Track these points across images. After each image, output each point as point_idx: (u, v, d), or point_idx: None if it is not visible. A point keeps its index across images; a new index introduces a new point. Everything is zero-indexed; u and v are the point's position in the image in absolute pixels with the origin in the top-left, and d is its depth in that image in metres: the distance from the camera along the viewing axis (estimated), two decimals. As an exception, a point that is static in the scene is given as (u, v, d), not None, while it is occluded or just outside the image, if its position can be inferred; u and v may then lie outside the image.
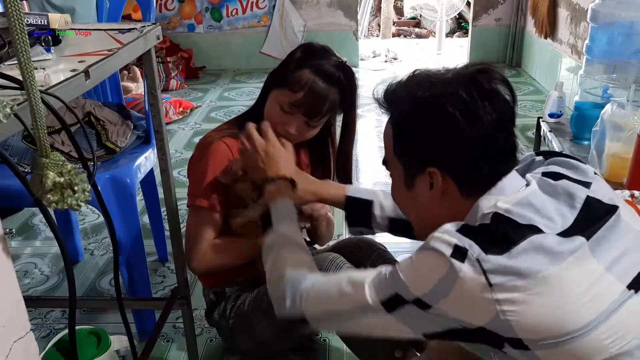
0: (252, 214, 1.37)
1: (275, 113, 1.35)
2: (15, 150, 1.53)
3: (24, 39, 0.65)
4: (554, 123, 1.95)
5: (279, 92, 1.35)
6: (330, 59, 1.35)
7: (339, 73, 1.33)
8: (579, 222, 0.83)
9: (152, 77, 1.17)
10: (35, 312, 1.82)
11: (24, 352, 0.74)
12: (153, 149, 1.68)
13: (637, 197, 1.35)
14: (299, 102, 1.32)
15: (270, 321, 1.40)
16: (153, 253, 2.09)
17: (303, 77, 1.32)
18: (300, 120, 1.35)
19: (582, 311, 0.76)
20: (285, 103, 1.34)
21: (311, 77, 1.32)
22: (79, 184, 0.72)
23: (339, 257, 1.36)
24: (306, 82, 1.31)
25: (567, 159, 0.99)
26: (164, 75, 4.22)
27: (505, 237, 0.79)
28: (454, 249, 0.79)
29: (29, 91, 0.67)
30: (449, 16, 5.35)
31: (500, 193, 0.88)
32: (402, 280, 0.83)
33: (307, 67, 1.32)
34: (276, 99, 1.36)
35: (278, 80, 1.36)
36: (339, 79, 1.33)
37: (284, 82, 1.34)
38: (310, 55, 1.35)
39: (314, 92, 1.31)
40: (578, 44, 3.42)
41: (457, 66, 0.93)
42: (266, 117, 1.38)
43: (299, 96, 1.32)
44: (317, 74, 1.32)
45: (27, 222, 2.41)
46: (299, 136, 1.38)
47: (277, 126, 1.35)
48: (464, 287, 0.77)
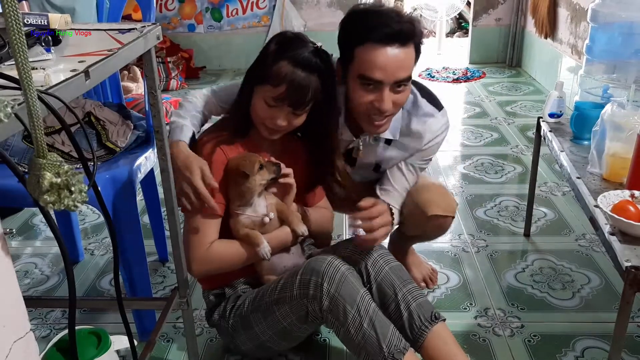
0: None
1: (262, 109, 1.38)
2: (16, 150, 1.53)
3: (21, 39, 0.65)
4: (554, 123, 1.94)
5: (261, 89, 1.37)
6: (305, 46, 1.36)
7: (316, 59, 1.35)
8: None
9: (152, 77, 1.17)
10: (35, 312, 1.82)
11: (24, 352, 0.74)
12: (153, 149, 1.68)
13: (637, 197, 1.35)
14: (282, 96, 1.34)
15: (270, 321, 1.40)
16: (153, 253, 2.09)
17: (282, 70, 1.33)
18: (287, 111, 1.38)
19: None
20: (269, 98, 1.36)
21: (290, 68, 1.33)
22: (76, 184, 0.72)
23: (337, 258, 1.36)
24: (286, 75, 1.33)
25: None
26: (164, 76, 4.22)
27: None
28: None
29: (26, 91, 0.67)
30: (449, 16, 5.35)
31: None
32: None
33: (284, 59, 1.34)
34: (260, 95, 1.37)
35: (258, 76, 1.38)
36: (317, 65, 1.35)
37: (264, 78, 1.36)
38: (285, 46, 1.36)
39: (295, 84, 1.33)
40: (578, 44, 3.42)
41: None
42: (254, 114, 1.41)
43: (282, 90, 1.33)
44: (295, 64, 1.33)
45: (27, 222, 2.41)
46: (289, 126, 1.41)
47: (265, 121, 1.39)
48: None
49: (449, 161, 2.92)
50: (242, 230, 1.43)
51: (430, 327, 1.36)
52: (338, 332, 1.34)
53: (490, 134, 3.28)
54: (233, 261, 1.45)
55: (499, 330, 1.70)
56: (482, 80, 4.35)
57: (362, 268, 1.42)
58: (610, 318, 1.68)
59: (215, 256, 1.42)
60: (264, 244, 1.41)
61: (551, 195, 2.51)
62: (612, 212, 1.29)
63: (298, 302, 1.34)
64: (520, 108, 3.71)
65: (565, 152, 1.74)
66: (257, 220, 1.44)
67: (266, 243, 1.42)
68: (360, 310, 1.29)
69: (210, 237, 1.42)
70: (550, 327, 1.71)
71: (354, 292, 1.30)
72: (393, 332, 1.30)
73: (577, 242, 2.15)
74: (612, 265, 1.30)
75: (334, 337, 1.64)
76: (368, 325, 1.28)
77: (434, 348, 1.35)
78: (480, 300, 1.84)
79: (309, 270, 1.33)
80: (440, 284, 1.93)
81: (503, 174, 2.76)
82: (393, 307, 1.39)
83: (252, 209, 1.43)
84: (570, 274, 1.96)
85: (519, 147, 3.06)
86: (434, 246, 2.10)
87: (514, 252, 2.11)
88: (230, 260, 1.45)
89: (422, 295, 1.42)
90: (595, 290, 1.87)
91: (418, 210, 1.61)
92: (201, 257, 1.41)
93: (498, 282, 1.93)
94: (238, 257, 1.44)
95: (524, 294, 1.86)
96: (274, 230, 1.46)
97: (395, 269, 1.43)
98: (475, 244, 2.16)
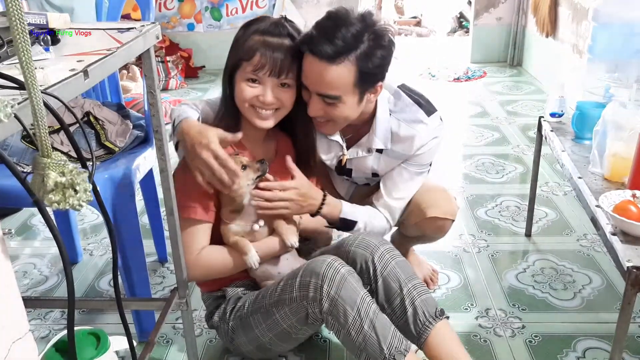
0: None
1: (246, 91, 1.37)
2: (14, 150, 1.52)
3: (25, 38, 0.64)
4: (556, 122, 1.94)
5: (239, 71, 1.37)
6: (270, 20, 1.38)
7: (282, 27, 1.37)
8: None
9: (151, 76, 1.16)
10: (34, 312, 1.81)
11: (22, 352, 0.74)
12: (152, 149, 1.67)
13: (638, 197, 1.34)
14: (259, 64, 1.33)
15: (270, 323, 1.39)
16: (152, 253, 2.08)
17: (252, 42, 1.34)
18: (272, 83, 1.36)
19: None
20: (248, 73, 1.35)
21: (259, 38, 1.34)
22: (81, 183, 0.72)
23: (337, 259, 1.35)
24: (255, 44, 1.33)
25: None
26: (163, 75, 4.22)
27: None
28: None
29: (30, 91, 0.66)
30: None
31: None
32: None
33: (252, 34, 1.35)
34: (240, 78, 1.37)
35: (233, 62, 1.38)
36: (286, 30, 1.36)
37: (239, 59, 1.36)
38: (251, 24, 1.38)
39: (268, 47, 1.33)
40: (579, 43, 3.41)
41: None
42: (239, 100, 1.39)
43: (257, 58, 1.33)
44: (263, 33, 1.35)
45: (26, 222, 2.41)
46: (280, 103, 1.39)
47: (253, 101, 1.37)
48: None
49: (449, 161, 2.91)
50: (231, 237, 1.43)
51: (434, 323, 1.36)
52: (338, 334, 1.33)
53: (491, 133, 3.27)
54: (222, 268, 1.45)
55: (500, 330, 1.70)
56: (483, 79, 4.35)
57: (368, 262, 1.42)
58: (611, 318, 1.68)
59: (204, 262, 1.42)
60: (252, 252, 1.41)
61: (552, 195, 2.51)
62: (613, 212, 1.29)
63: (298, 304, 1.33)
64: (521, 107, 3.70)
65: (567, 152, 1.74)
66: (247, 228, 1.43)
67: (254, 252, 1.41)
68: (360, 312, 1.28)
69: (199, 243, 1.41)
70: (551, 327, 1.70)
71: (354, 293, 1.30)
72: (394, 334, 1.29)
73: (578, 242, 2.14)
74: (613, 265, 1.29)
75: (335, 338, 1.64)
76: (369, 327, 1.28)
77: (437, 344, 1.35)
78: (481, 300, 1.84)
79: (309, 272, 1.33)
80: (441, 285, 1.93)
81: (504, 173, 2.75)
82: (398, 302, 1.39)
83: (241, 216, 1.43)
84: (572, 274, 1.96)
85: (520, 147, 3.05)
86: (434, 246, 2.09)
87: (515, 253, 2.11)
88: (220, 267, 1.44)
89: (427, 291, 1.42)
90: (597, 290, 1.87)
91: (417, 211, 1.60)
92: (191, 262, 1.41)
93: (499, 283, 1.92)
94: (227, 264, 1.44)
95: (525, 295, 1.86)
96: (263, 239, 1.46)
97: (401, 264, 1.43)
98: (476, 244, 2.15)
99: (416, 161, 1.58)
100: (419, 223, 1.62)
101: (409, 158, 1.57)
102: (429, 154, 1.57)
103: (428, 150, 1.56)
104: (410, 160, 1.58)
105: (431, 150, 1.57)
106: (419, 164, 1.59)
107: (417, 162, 1.58)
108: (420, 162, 1.58)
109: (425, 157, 1.58)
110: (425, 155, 1.57)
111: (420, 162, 1.58)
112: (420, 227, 1.64)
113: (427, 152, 1.56)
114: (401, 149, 1.56)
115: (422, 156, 1.57)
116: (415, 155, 1.56)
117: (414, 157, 1.57)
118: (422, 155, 1.57)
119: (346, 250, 1.44)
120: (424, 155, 1.57)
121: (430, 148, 1.56)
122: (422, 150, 1.55)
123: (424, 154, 1.57)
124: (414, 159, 1.57)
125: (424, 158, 1.58)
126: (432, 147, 1.56)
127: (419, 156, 1.57)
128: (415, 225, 1.64)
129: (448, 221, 1.63)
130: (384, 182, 1.62)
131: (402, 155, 1.57)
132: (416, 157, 1.57)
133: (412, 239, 1.79)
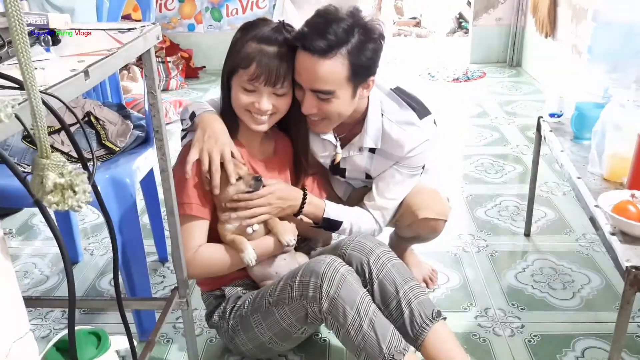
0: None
1: (242, 98, 1.38)
2: (15, 150, 1.53)
3: (24, 39, 0.64)
4: (555, 123, 1.94)
5: (236, 77, 1.38)
6: (268, 25, 1.38)
7: (280, 34, 1.37)
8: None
9: (151, 77, 1.17)
10: (35, 312, 1.82)
11: (23, 352, 0.74)
12: (153, 149, 1.68)
13: (637, 197, 1.35)
14: (255, 74, 1.34)
15: (270, 323, 1.40)
16: (153, 253, 2.08)
17: (249, 50, 1.35)
18: (267, 92, 1.37)
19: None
20: (244, 83, 1.36)
21: (256, 46, 1.35)
22: (80, 184, 0.72)
23: (337, 259, 1.36)
24: (252, 52, 1.34)
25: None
26: (163, 75, 4.22)
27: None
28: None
29: (30, 92, 0.67)
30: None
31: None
32: None
33: (249, 41, 1.35)
34: (237, 84, 1.39)
35: (230, 67, 1.39)
36: (283, 38, 1.37)
37: (236, 65, 1.37)
38: (249, 29, 1.38)
39: (265, 58, 1.34)
40: (578, 44, 3.41)
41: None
42: (235, 105, 1.41)
43: (253, 68, 1.34)
44: (260, 41, 1.35)
45: (26, 222, 2.41)
46: (275, 109, 1.41)
47: (249, 107, 1.39)
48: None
49: (449, 161, 2.91)
50: (228, 235, 1.43)
51: (431, 325, 1.36)
52: (338, 334, 1.33)
53: (490, 133, 3.28)
54: (220, 266, 1.45)
55: (499, 330, 1.70)
56: (482, 80, 4.35)
57: (364, 265, 1.42)
58: (610, 318, 1.68)
59: (201, 260, 1.42)
60: (249, 250, 1.41)
61: (551, 195, 2.51)
62: (612, 212, 1.29)
63: (297, 304, 1.34)
64: (520, 108, 3.71)
65: (566, 152, 1.74)
66: (242, 229, 1.44)
67: (251, 249, 1.41)
68: (360, 311, 1.29)
69: (196, 240, 1.42)
70: (550, 327, 1.71)
71: (353, 293, 1.30)
72: (393, 333, 1.29)
73: (577, 242, 2.15)
74: (612, 265, 1.30)
75: (334, 338, 1.64)
76: (368, 327, 1.28)
77: (434, 346, 1.35)
78: (481, 300, 1.84)
79: (308, 272, 1.33)
80: (441, 284, 1.93)
81: (503, 173, 2.75)
82: (394, 304, 1.39)
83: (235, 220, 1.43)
84: (571, 274, 1.96)
85: (519, 147, 3.06)
86: (434, 246, 2.09)
87: (514, 252, 2.11)
88: (217, 264, 1.45)
89: (424, 293, 1.42)
90: (596, 290, 1.87)
91: (409, 213, 1.61)
92: (188, 260, 1.41)
93: (498, 282, 1.93)
94: (225, 262, 1.44)
95: (524, 294, 1.86)
96: (259, 238, 1.46)
97: (397, 266, 1.43)
98: (476, 244, 2.16)
99: (408, 163, 1.58)
100: (412, 224, 1.63)
101: (401, 160, 1.58)
102: (421, 156, 1.58)
103: (420, 152, 1.57)
104: (402, 162, 1.58)
105: (423, 152, 1.58)
106: (411, 166, 1.59)
107: (410, 165, 1.59)
108: (412, 165, 1.59)
109: (417, 159, 1.58)
110: (417, 158, 1.58)
111: (412, 164, 1.59)
112: (413, 229, 1.65)
113: (419, 155, 1.57)
114: (392, 150, 1.56)
115: (414, 158, 1.58)
116: (407, 158, 1.57)
117: (406, 159, 1.57)
118: (414, 158, 1.57)
119: (342, 253, 1.44)
120: (416, 158, 1.58)
121: (422, 151, 1.57)
122: (414, 152, 1.56)
123: (416, 157, 1.57)
124: (406, 161, 1.58)
125: (416, 160, 1.59)
126: (424, 150, 1.57)
127: (411, 158, 1.57)
128: (409, 226, 1.65)
129: (440, 222, 1.64)
130: (376, 183, 1.62)
131: (394, 157, 1.58)
132: (408, 160, 1.57)
133: (408, 239, 1.79)
